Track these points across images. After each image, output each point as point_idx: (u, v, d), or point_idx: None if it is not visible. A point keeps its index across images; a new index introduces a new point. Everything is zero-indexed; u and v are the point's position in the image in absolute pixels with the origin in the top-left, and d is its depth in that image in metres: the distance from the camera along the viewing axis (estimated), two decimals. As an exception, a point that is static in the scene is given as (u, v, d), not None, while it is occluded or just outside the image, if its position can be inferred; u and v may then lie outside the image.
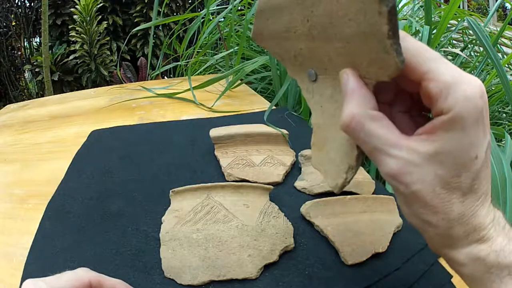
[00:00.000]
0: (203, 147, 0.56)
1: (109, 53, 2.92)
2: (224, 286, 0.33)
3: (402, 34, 0.21)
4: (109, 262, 0.36)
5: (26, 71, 3.12)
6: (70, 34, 2.73)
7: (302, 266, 0.35)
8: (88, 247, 0.38)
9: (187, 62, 1.29)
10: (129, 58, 2.94)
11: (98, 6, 2.73)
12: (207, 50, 1.30)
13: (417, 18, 1.27)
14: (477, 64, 1.01)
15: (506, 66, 1.09)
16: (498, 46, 1.18)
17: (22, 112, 0.89)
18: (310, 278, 0.34)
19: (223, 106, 0.79)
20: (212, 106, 0.78)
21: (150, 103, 0.85)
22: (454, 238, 0.22)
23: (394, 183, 0.23)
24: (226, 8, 1.13)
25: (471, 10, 4.45)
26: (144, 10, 2.97)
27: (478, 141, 0.21)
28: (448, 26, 1.00)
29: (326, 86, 0.27)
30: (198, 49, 1.25)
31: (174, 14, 2.91)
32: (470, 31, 1.07)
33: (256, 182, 0.46)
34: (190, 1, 3.04)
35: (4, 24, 2.96)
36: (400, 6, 1.40)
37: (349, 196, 0.41)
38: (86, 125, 0.72)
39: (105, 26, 2.83)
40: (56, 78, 2.75)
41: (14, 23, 3.03)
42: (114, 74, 2.59)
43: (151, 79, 1.52)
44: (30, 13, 3.01)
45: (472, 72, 1.02)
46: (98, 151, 0.59)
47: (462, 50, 1.14)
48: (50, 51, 2.64)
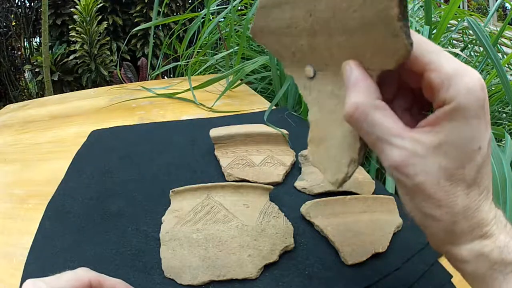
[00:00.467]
0: (203, 147, 0.56)
1: (109, 53, 2.92)
2: (224, 286, 0.33)
3: None
4: (109, 262, 0.36)
5: (26, 71, 3.12)
6: (70, 34, 2.73)
7: (302, 266, 0.35)
8: (88, 247, 0.38)
9: (187, 62, 1.29)
10: (129, 58, 2.94)
11: (98, 6, 2.73)
12: (207, 50, 1.30)
13: (417, 18, 1.27)
14: (477, 64, 1.01)
15: (506, 66, 1.09)
16: (498, 46, 1.17)
17: (22, 112, 0.89)
18: (310, 278, 0.34)
19: (223, 106, 0.79)
20: (212, 106, 0.78)
21: (150, 103, 0.85)
22: (457, 233, 0.22)
23: (397, 175, 0.23)
24: (226, 8, 1.13)
25: (471, 10, 4.45)
26: (144, 10, 2.97)
27: (480, 132, 0.21)
28: (448, 26, 1.00)
29: (326, 83, 0.27)
30: (198, 49, 1.25)
31: (174, 14, 2.91)
32: (470, 31, 1.07)
33: (256, 182, 0.46)
34: (190, 1, 3.04)
35: (4, 24, 2.96)
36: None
37: (349, 196, 0.41)
38: (86, 125, 0.72)
39: (105, 26, 2.83)
40: (56, 78, 2.75)
41: (14, 23, 3.03)
42: (114, 74, 2.60)
43: (151, 79, 1.52)
44: (30, 13, 3.01)
45: (472, 72, 1.02)
46: (98, 151, 0.59)
47: (462, 50, 1.14)
48: (50, 51, 2.64)
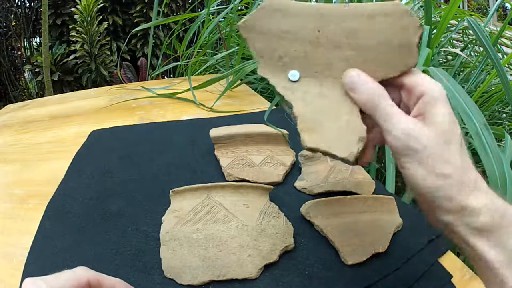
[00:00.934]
0: (203, 147, 0.56)
1: (109, 53, 2.91)
2: (224, 286, 0.33)
3: None
4: (109, 262, 0.36)
5: (26, 71, 3.12)
6: (71, 34, 2.73)
7: (302, 266, 0.35)
8: (88, 247, 0.38)
9: (187, 62, 1.29)
10: (129, 58, 2.94)
11: (98, 7, 2.73)
12: (207, 50, 1.30)
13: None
14: (477, 64, 1.01)
15: (506, 66, 1.09)
16: (498, 46, 1.17)
17: (22, 112, 0.89)
18: (310, 278, 0.34)
19: (223, 106, 0.79)
20: (212, 106, 0.78)
21: (150, 103, 0.85)
22: (466, 183, 0.25)
23: (409, 141, 0.26)
24: (226, 8, 1.13)
25: (471, 10, 4.45)
26: (144, 10, 2.97)
27: (451, 110, 0.27)
28: (448, 26, 1.00)
29: (313, 86, 0.30)
30: (198, 49, 1.25)
31: (174, 14, 2.91)
32: (470, 31, 1.07)
33: (256, 182, 0.46)
34: (190, 1, 3.04)
35: (4, 24, 2.96)
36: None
37: (349, 196, 0.41)
38: (86, 125, 0.72)
39: (105, 26, 2.83)
40: (56, 78, 2.75)
41: (14, 23, 3.02)
42: (114, 74, 2.59)
43: (151, 79, 1.52)
44: (30, 13, 3.01)
45: (472, 72, 1.02)
46: (98, 151, 0.59)
47: (462, 50, 1.14)
48: (50, 51, 2.64)
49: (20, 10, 3.01)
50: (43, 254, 0.38)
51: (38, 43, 3.18)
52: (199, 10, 2.72)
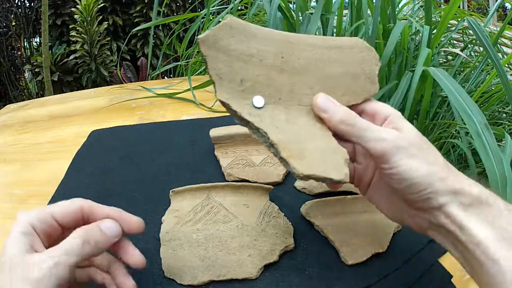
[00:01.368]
0: (203, 147, 0.56)
1: (109, 53, 2.91)
2: (224, 286, 0.33)
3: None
4: (109, 262, 0.36)
5: (26, 71, 3.12)
6: (71, 34, 2.73)
7: (302, 266, 0.35)
8: (88, 247, 0.38)
9: (187, 62, 1.29)
10: (129, 58, 2.94)
11: (98, 7, 2.73)
12: (207, 50, 1.30)
13: (417, 18, 1.27)
14: (477, 64, 1.01)
15: (506, 66, 1.09)
16: (498, 46, 1.17)
17: (22, 112, 0.89)
18: (310, 278, 0.34)
19: (223, 106, 0.79)
20: (212, 106, 0.78)
21: (150, 103, 0.85)
22: (453, 169, 0.28)
23: (397, 140, 0.28)
24: (226, 8, 1.13)
25: (471, 10, 4.45)
26: (144, 10, 2.97)
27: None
28: (448, 26, 1.00)
29: (278, 113, 0.29)
30: (198, 49, 1.25)
31: (174, 14, 2.91)
32: (470, 31, 1.07)
33: (256, 182, 0.46)
34: (190, 1, 3.04)
35: (4, 24, 2.96)
36: (400, 6, 1.40)
37: (349, 196, 0.41)
38: (86, 125, 0.72)
39: (105, 26, 2.83)
40: (56, 78, 2.75)
41: (14, 23, 3.02)
42: (114, 74, 2.59)
43: (151, 79, 1.52)
44: (30, 13, 3.01)
45: (472, 72, 1.02)
46: (98, 151, 0.59)
47: (462, 50, 1.14)
48: (50, 51, 2.64)
49: (20, 10, 3.01)
50: (43, 254, 0.38)
51: (38, 43, 3.18)
52: (199, 10, 2.72)
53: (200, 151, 0.56)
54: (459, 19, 1.09)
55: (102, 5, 2.81)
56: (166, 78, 2.30)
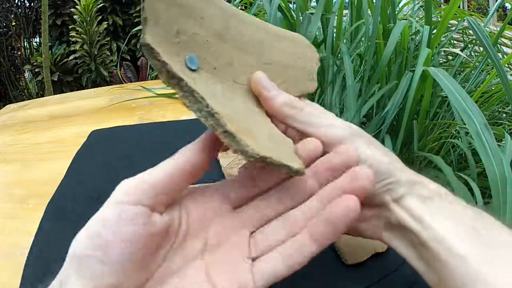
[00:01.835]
0: (203, 147, 0.56)
1: (109, 53, 2.92)
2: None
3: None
4: (109, 262, 0.36)
5: (26, 71, 3.12)
6: (70, 34, 2.73)
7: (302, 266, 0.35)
8: (88, 247, 0.38)
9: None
10: (129, 58, 2.94)
11: (98, 7, 2.73)
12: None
13: (417, 18, 1.27)
14: (477, 64, 1.01)
15: (506, 66, 1.09)
16: (498, 46, 1.18)
17: (22, 112, 0.89)
18: (310, 278, 0.34)
19: (223, 106, 0.79)
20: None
21: (150, 103, 0.85)
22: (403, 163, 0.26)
23: (350, 126, 0.26)
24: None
25: (471, 10, 4.45)
26: (144, 10, 2.97)
27: None
28: (448, 26, 1.00)
29: (213, 83, 0.24)
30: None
31: (174, 14, 2.90)
32: (470, 31, 1.07)
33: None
34: (190, 1, 3.04)
35: (4, 24, 2.96)
36: (400, 6, 1.40)
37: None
38: (86, 125, 0.72)
39: (105, 26, 2.83)
40: (56, 78, 2.75)
41: (14, 23, 3.02)
42: (114, 74, 2.60)
43: (151, 79, 1.52)
44: (30, 13, 3.01)
45: (472, 72, 1.02)
46: (98, 151, 0.59)
47: (462, 50, 1.14)
48: (50, 51, 2.64)
49: (20, 10, 3.01)
50: (43, 254, 0.38)
51: (38, 43, 3.18)
52: (199, 10, 2.71)
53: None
54: (459, 19, 1.09)
55: (101, 5, 2.81)
56: (166, 78, 2.29)
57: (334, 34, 0.93)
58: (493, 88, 0.97)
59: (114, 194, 0.20)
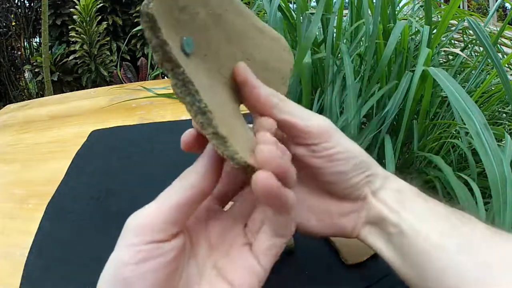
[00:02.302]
0: (203, 147, 0.56)
1: (109, 53, 2.92)
2: (224, 286, 0.33)
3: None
4: (109, 262, 0.36)
5: (26, 71, 3.12)
6: (70, 34, 2.73)
7: (302, 266, 0.35)
8: (88, 247, 0.38)
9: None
10: (129, 58, 2.94)
11: (98, 7, 2.73)
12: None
13: (417, 18, 1.27)
14: (477, 64, 1.01)
15: (506, 66, 1.09)
16: (498, 46, 1.18)
17: (22, 112, 0.89)
18: (310, 278, 0.34)
19: (223, 106, 0.78)
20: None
21: (150, 103, 0.84)
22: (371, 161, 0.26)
23: (330, 121, 0.26)
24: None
25: (471, 10, 4.45)
26: (144, 10, 2.97)
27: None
28: (448, 26, 1.00)
29: (202, 73, 0.22)
30: None
31: (174, 14, 2.90)
32: (470, 31, 1.07)
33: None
34: (190, 1, 3.04)
35: (4, 24, 2.96)
36: (400, 6, 1.40)
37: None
38: (86, 125, 0.72)
39: (105, 26, 2.83)
40: (55, 78, 2.75)
41: (14, 23, 3.03)
42: (114, 74, 2.59)
43: (151, 79, 1.52)
44: (30, 13, 3.01)
45: (472, 72, 1.02)
46: (98, 151, 0.59)
47: (462, 50, 1.14)
48: (50, 51, 2.64)
49: (20, 10, 3.01)
50: (43, 254, 0.38)
51: (38, 43, 3.19)
52: (199, 10, 2.71)
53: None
54: (459, 19, 1.09)
55: (101, 5, 2.81)
56: (166, 78, 2.30)
57: (334, 34, 0.93)
58: (493, 88, 0.97)
59: (124, 235, 0.21)
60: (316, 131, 0.24)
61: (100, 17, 2.82)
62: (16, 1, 3.01)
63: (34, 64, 2.88)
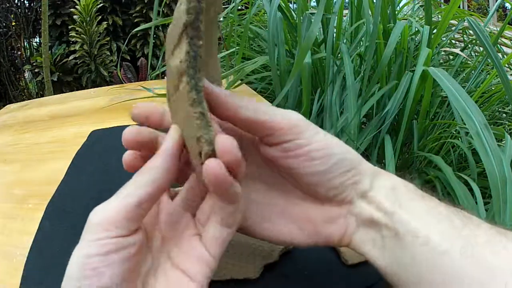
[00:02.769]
0: (203, 147, 0.56)
1: (109, 53, 2.92)
2: (224, 286, 0.33)
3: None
4: (109, 262, 0.36)
5: (26, 71, 3.12)
6: (70, 35, 2.73)
7: (302, 266, 0.35)
8: (88, 247, 0.38)
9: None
10: (129, 58, 2.94)
11: (98, 7, 2.73)
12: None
13: (417, 18, 1.27)
14: (477, 64, 1.02)
15: (506, 66, 1.09)
16: (498, 46, 1.18)
17: (22, 112, 0.89)
18: (310, 278, 0.34)
19: (223, 106, 0.78)
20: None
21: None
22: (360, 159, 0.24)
23: (304, 119, 0.24)
24: (227, 8, 1.13)
25: (471, 10, 4.45)
26: (144, 10, 2.97)
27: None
28: (448, 26, 1.00)
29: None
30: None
31: (174, 14, 2.90)
32: (470, 31, 1.08)
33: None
34: (190, 1, 3.04)
35: (4, 24, 2.96)
36: (400, 6, 1.40)
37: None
38: (86, 125, 0.72)
39: (105, 26, 2.83)
40: (55, 78, 2.75)
41: (14, 23, 3.03)
42: (114, 74, 2.60)
43: (151, 79, 1.52)
44: (30, 13, 3.01)
45: (472, 72, 1.02)
46: (98, 151, 0.59)
47: (462, 50, 1.14)
48: (49, 51, 2.64)
49: (20, 10, 3.01)
50: (43, 254, 0.38)
51: (38, 43, 3.19)
52: (199, 10, 2.71)
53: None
54: (459, 19, 1.09)
55: (101, 5, 2.81)
56: (166, 78, 2.29)
57: (334, 34, 0.93)
58: (493, 88, 0.97)
59: (88, 231, 0.20)
60: (286, 127, 0.22)
61: (100, 17, 2.82)
62: (16, 1, 3.01)
63: (34, 64, 2.88)
